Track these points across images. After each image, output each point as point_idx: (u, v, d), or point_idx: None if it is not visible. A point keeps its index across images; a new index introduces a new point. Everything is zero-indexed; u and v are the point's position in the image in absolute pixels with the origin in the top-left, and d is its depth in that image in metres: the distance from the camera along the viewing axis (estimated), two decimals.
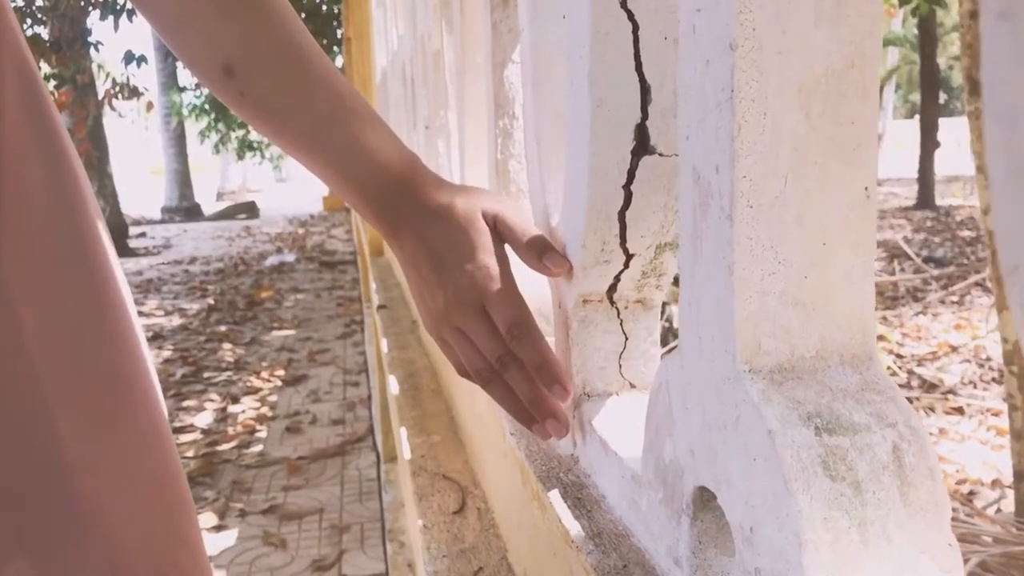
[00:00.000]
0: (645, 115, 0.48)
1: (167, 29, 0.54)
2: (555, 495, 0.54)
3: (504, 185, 0.78)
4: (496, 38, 0.74)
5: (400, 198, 0.54)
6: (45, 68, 7.77)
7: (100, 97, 8.71)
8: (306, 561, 2.19)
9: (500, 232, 0.54)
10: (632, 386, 0.57)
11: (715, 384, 0.36)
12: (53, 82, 7.91)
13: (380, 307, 1.79)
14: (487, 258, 0.52)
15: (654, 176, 0.49)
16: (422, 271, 0.54)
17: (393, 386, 1.17)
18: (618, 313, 0.56)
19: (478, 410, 0.81)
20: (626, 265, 0.53)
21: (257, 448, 3.04)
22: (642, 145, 0.49)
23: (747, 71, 0.32)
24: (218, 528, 2.40)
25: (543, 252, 0.53)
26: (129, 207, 13.22)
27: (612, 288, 0.55)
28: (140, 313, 5.63)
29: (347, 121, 0.54)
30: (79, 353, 0.50)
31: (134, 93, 8.67)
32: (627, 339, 0.57)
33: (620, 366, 0.57)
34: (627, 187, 0.49)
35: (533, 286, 0.66)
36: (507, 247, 0.54)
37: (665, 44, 0.47)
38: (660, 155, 0.49)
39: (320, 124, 0.54)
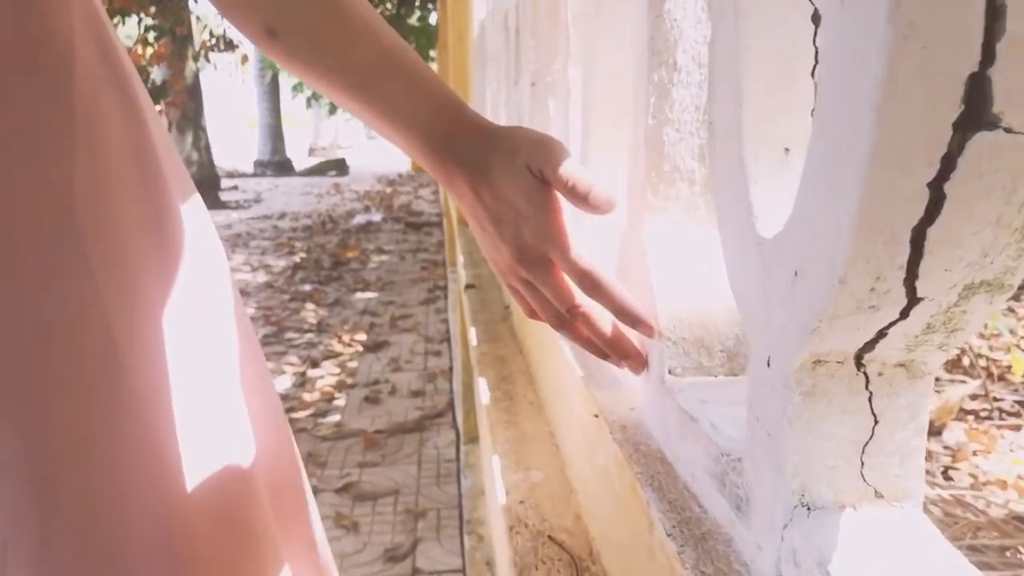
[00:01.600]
0: (988, 58, 0.26)
1: None
2: None
3: (655, 161, 0.57)
4: None
5: (450, 149, 0.55)
6: (146, 20, 7.84)
7: (197, 49, 8.77)
8: (378, 549, 2.06)
9: (547, 177, 0.53)
10: (878, 495, 0.36)
11: None
12: (152, 34, 7.98)
13: (468, 286, 1.60)
14: (544, 213, 0.52)
15: (989, 168, 0.28)
16: (484, 225, 0.55)
17: (483, 392, 0.98)
18: (867, 383, 0.35)
19: (601, 462, 0.61)
20: (904, 314, 0.31)
21: (334, 418, 2.94)
22: (975, 112, 0.27)
23: None
24: None
25: (588, 190, 0.52)
26: (224, 159, 13.45)
27: (868, 346, 0.34)
28: None
29: (392, 75, 0.55)
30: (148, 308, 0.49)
31: (230, 46, 8.69)
32: (876, 423, 0.36)
33: (862, 463, 0.36)
34: (937, 185, 0.28)
35: (698, 315, 0.45)
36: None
37: None
38: (1007, 131, 0.27)
39: (366, 79, 0.55)
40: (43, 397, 0.45)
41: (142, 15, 7.52)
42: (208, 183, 9.10)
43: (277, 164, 13.09)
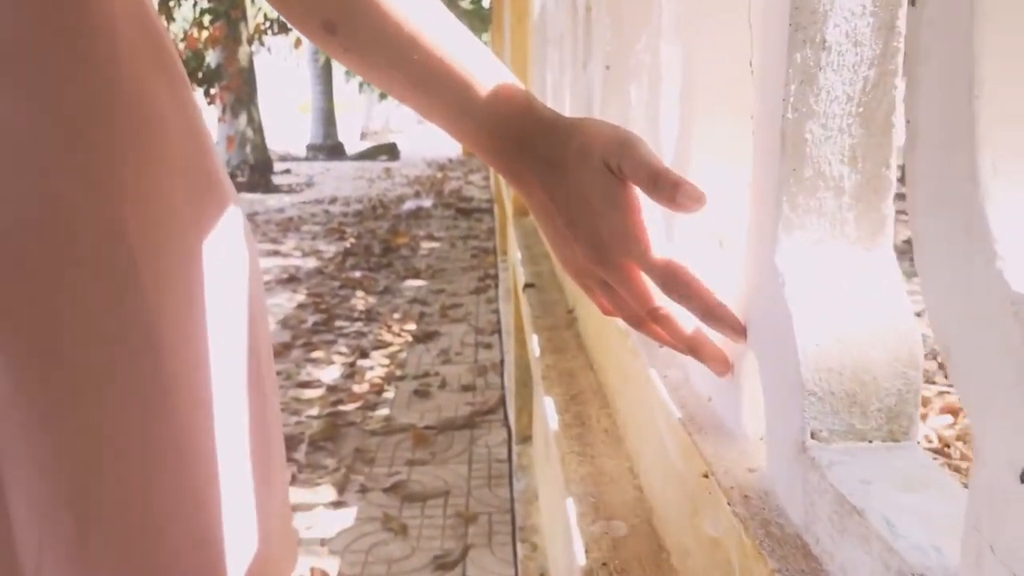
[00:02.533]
0: None
1: None
2: None
3: (794, 165, 0.45)
4: None
5: (519, 146, 0.53)
6: (201, 3, 7.86)
7: (251, 32, 8.78)
8: (427, 555, 1.97)
9: (627, 174, 0.49)
10: None
11: None
12: (208, 17, 8.00)
13: (527, 286, 1.49)
14: (623, 212, 0.49)
15: None
16: (556, 224, 0.52)
17: (551, 416, 0.87)
18: None
19: (710, 533, 0.49)
20: None
21: (383, 411, 2.86)
22: None
23: None
24: (336, 504, 2.22)
25: (676, 188, 0.48)
26: (276, 143, 13.54)
27: None
28: (278, 253, 5.65)
29: (456, 70, 0.52)
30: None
31: (283, 28, 8.69)
32: None
33: None
34: None
35: (851, 362, 0.34)
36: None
37: None
38: None
39: (428, 74, 0.52)
40: (83, 396, 0.45)
41: None
42: (261, 167, 9.13)
43: (329, 148, 13.12)
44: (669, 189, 0.48)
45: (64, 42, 0.44)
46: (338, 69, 14.84)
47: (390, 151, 13.29)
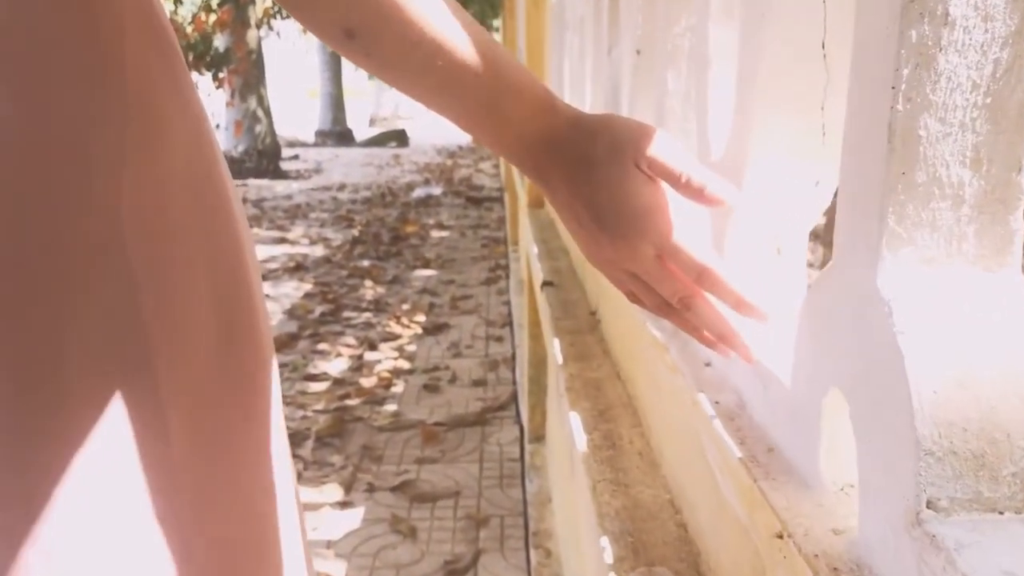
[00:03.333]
0: None
1: None
2: None
3: (903, 168, 0.36)
4: None
5: (544, 147, 0.52)
6: None
7: (259, 16, 8.68)
8: (437, 560, 1.90)
9: (655, 172, 0.50)
10: None
11: None
12: (215, 0, 7.90)
13: (545, 284, 1.41)
14: (653, 210, 0.50)
15: None
16: (583, 222, 0.52)
17: (578, 436, 0.79)
18: None
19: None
20: None
21: (391, 407, 2.79)
22: None
23: None
24: (343, 504, 2.15)
25: (704, 185, 0.49)
26: (285, 129, 13.45)
27: None
28: (285, 240, 5.58)
29: (480, 73, 0.51)
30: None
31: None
32: None
33: None
34: None
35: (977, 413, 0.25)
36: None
37: None
38: None
39: (451, 79, 0.51)
40: (74, 413, 0.44)
41: None
42: (269, 153, 9.05)
43: (338, 134, 13.03)
44: (698, 187, 0.49)
45: (70, 44, 0.43)
46: None
47: (399, 138, 13.19)
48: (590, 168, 0.51)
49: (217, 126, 9.06)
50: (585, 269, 1.38)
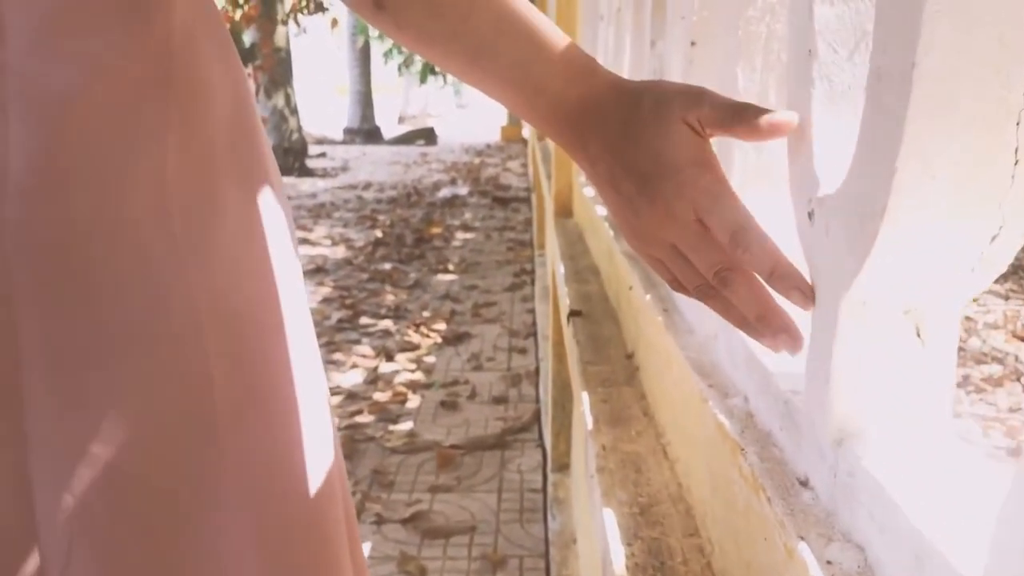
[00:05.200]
0: None
1: None
2: None
3: None
4: None
5: (583, 113, 0.51)
6: None
7: (287, 11, 8.56)
8: None
9: (707, 123, 0.47)
10: None
11: None
12: None
13: (572, 314, 1.22)
14: (697, 167, 0.47)
15: None
16: (622, 189, 0.50)
17: (614, 549, 0.60)
18: None
19: None
20: None
21: (406, 425, 2.62)
22: None
23: None
24: None
25: (760, 115, 0.45)
26: (313, 126, 13.37)
27: None
28: (307, 241, 5.43)
29: (513, 37, 0.50)
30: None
31: (319, 8, 8.46)
32: None
33: None
34: None
35: None
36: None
37: None
38: None
39: (484, 45, 0.51)
40: (121, 375, 0.44)
41: None
42: (296, 150, 8.94)
43: (366, 132, 12.91)
44: (754, 116, 0.46)
45: (124, 14, 0.44)
46: (376, 52, 14.61)
47: (427, 135, 13.04)
48: (634, 129, 0.49)
49: None
50: (620, 297, 1.18)
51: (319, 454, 0.52)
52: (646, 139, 0.48)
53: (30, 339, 0.42)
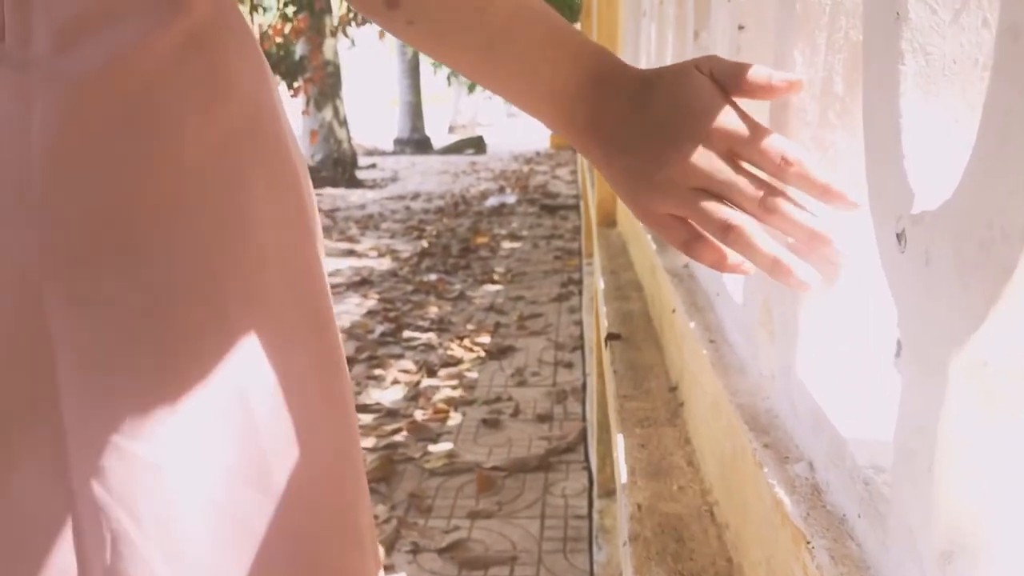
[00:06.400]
0: None
1: None
2: None
3: None
4: None
5: (597, 92, 0.51)
6: None
7: (336, 24, 8.59)
8: None
9: (718, 75, 0.48)
10: None
11: None
12: (292, 8, 7.84)
13: (610, 337, 1.10)
14: (725, 102, 0.47)
15: None
16: (640, 150, 0.49)
17: None
18: None
19: None
20: None
21: (446, 444, 2.51)
22: None
23: None
24: (386, 569, 1.88)
25: (767, 73, 0.47)
26: (364, 137, 13.44)
27: None
28: (353, 253, 5.40)
29: (527, 25, 0.50)
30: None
31: (367, 20, 8.47)
32: None
33: None
34: None
35: None
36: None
37: None
38: None
39: (498, 37, 0.50)
40: (154, 380, 0.44)
41: None
42: (345, 161, 8.96)
43: (416, 142, 12.93)
44: (764, 76, 0.47)
45: (146, 10, 0.44)
46: (426, 62, 14.65)
47: (477, 144, 13.01)
48: (652, 89, 0.49)
49: None
50: (663, 319, 1.06)
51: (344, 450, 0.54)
52: (668, 89, 0.48)
53: (60, 328, 0.42)
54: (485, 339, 3.53)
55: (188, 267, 0.45)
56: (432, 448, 2.49)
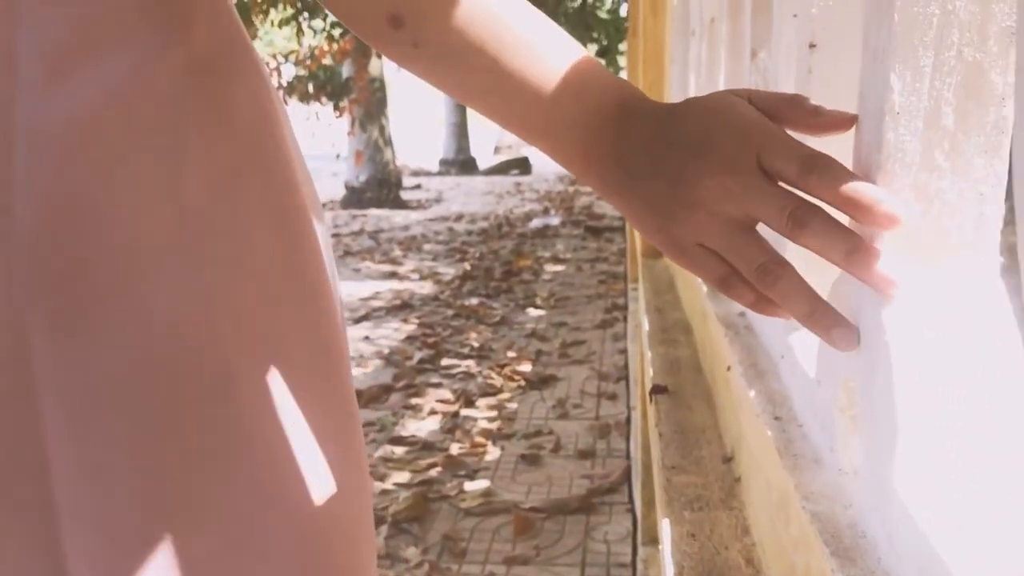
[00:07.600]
0: None
1: None
2: None
3: None
4: None
5: (621, 118, 0.48)
6: (331, 16, 7.76)
7: None
8: None
9: (756, 103, 0.45)
10: None
11: None
12: (337, 31, 7.90)
13: (655, 390, 0.98)
14: (753, 113, 0.44)
15: None
16: (667, 172, 0.45)
17: None
18: None
19: None
20: None
21: (483, 482, 2.41)
22: None
23: None
24: None
25: (808, 102, 0.44)
26: (410, 158, 13.49)
27: None
28: (395, 275, 5.34)
29: (545, 49, 0.48)
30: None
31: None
32: None
33: None
34: None
35: None
36: None
37: None
38: None
39: (513, 61, 0.47)
40: (151, 430, 0.42)
41: (328, 12, 7.44)
42: (390, 182, 8.96)
43: (461, 163, 12.93)
44: (805, 109, 0.44)
45: (142, 38, 0.42)
46: None
47: (522, 165, 12.96)
48: (682, 112, 0.46)
49: (337, 156, 9.06)
50: (716, 372, 0.94)
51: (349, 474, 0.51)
52: (700, 109, 0.46)
53: (46, 383, 0.40)
54: (526, 367, 3.42)
55: (184, 309, 0.43)
56: (468, 486, 2.38)
